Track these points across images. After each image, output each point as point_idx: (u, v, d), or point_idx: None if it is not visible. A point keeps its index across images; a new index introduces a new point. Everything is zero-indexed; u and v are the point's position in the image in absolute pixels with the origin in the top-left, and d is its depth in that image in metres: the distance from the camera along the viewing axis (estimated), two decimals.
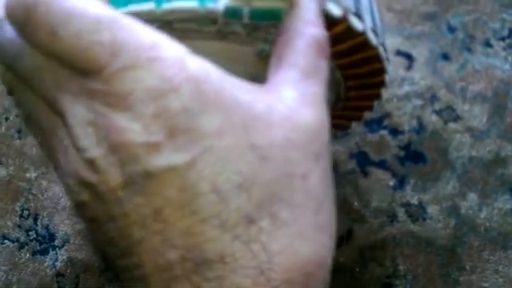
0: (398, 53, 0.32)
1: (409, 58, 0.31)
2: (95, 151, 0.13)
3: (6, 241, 0.33)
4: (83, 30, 0.13)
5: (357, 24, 0.18)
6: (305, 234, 0.13)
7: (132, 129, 0.12)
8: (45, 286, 0.31)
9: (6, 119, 0.38)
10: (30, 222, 0.33)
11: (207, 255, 0.12)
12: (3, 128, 0.38)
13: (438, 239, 0.26)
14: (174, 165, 0.12)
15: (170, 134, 0.12)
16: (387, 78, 0.22)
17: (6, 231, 0.33)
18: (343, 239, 0.27)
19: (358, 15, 0.18)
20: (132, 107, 0.12)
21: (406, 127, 0.29)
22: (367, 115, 0.26)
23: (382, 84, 0.22)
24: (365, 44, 0.19)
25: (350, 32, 0.18)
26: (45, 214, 0.34)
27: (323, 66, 0.16)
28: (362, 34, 0.18)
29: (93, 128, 0.13)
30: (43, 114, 0.14)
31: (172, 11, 0.16)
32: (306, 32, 0.16)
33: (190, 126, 0.12)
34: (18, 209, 0.34)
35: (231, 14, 0.17)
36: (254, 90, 0.14)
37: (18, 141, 0.36)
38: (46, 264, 0.32)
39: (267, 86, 0.15)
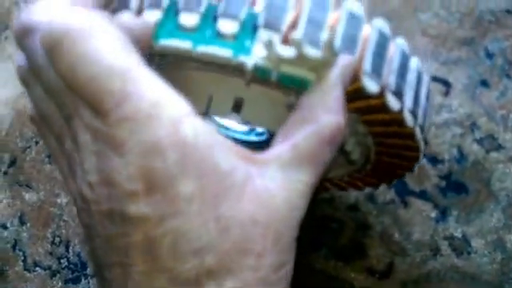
0: (435, 79, 0.31)
1: (446, 84, 0.31)
2: (94, 177, 0.14)
3: (37, 268, 0.33)
4: (98, 75, 0.14)
5: (393, 103, 0.18)
6: None
7: (121, 172, 0.14)
8: None
9: (36, 143, 0.38)
10: (61, 249, 0.33)
11: None
12: (33, 152, 0.38)
13: (484, 275, 0.26)
14: (146, 216, 0.14)
15: (149, 188, 0.14)
16: (422, 156, 0.21)
17: (37, 258, 0.33)
18: (385, 273, 0.27)
19: (398, 93, 0.18)
20: (125, 154, 0.14)
21: (446, 156, 0.29)
22: None
23: (415, 159, 0.22)
24: (400, 122, 0.18)
25: (386, 108, 0.18)
26: (76, 241, 0.34)
27: (326, 157, 0.16)
28: (398, 113, 0.18)
29: (95, 158, 0.14)
30: (55, 119, 0.16)
31: (206, 54, 0.17)
32: (321, 119, 0.16)
33: (167, 187, 0.14)
34: (49, 235, 0.34)
35: (260, 72, 0.17)
36: (240, 156, 0.15)
37: (48, 165, 0.36)
38: None
39: (260, 155, 0.16)
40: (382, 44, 0.18)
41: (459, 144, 0.29)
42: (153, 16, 0.17)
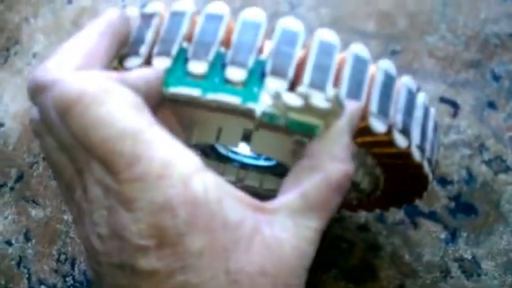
0: (442, 100, 0.31)
1: (453, 105, 0.31)
2: (104, 230, 0.15)
3: (42, 286, 0.32)
4: (110, 138, 0.14)
5: (400, 141, 0.18)
6: None
7: (131, 229, 0.14)
8: None
9: (44, 159, 0.38)
10: (67, 267, 0.33)
11: None
12: (41, 168, 0.38)
13: None
14: (156, 270, 0.14)
15: (159, 244, 0.14)
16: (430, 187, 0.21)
17: (42, 276, 0.33)
18: None
19: (405, 131, 0.18)
20: (135, 211, 0.14)
21: (455, 177, 0.29)
22: None
23: (424, 188, 0.22)
24: (408, 156, 0.19)
25: (393, 144, 0.18)
26: (82, 259, 0.33)
27: (334, 203, 0.16)
28: (406, 149, 0.18)
29: (106, 212, 0.15)
30: (66, 169, 0.16)
31: (215, 101, 0.17)
32: (329, 168, 0.16)
33: (177, 243, 0.14)
34: (55, 252, 0.34)
35: (268, 118, 0.17)
36: (248, 205, 0.15)
37: (54, 181, 0.36)
38: None
39: (269, 203, 0.16)
40: (388, 84, 0.18)
41: (468, 165, 0.29)
42: (162, 63, 0.18)
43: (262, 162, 0.26)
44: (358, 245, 0.29)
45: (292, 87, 0.17)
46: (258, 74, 0.18)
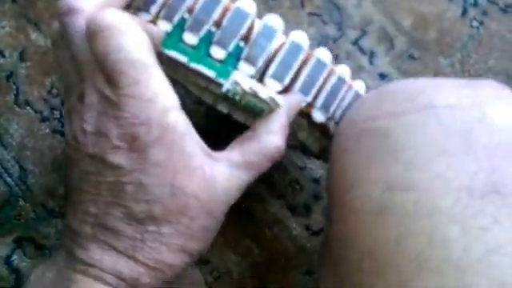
0: None
1: None
2: (90, 127, 0.20)
3: (28, 107, 0.35)
4: (123, 61, 0.19)
5: (332, 127, 0.26)
6: (171, 247, 0.20)
7: (113, 131, 0.19)
8: (57, 163, 0.35)
9: None
10: (57, 102, 0.35)
11: (108, 223, 0.20)
12: None
13: None
14: (121, 165, 0.19)
15: (130, 148, 0.19)
16: None
17: (30, 98, 0.35)
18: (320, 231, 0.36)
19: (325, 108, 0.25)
20: (122, 119, 0.19)
21: None
22: None
23: None
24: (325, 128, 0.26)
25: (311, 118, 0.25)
26: None
27: (264, 166, 0.22)
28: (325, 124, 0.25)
29: (96, 114, 0.20)
30: (71, 74, 0.21)
31: (196, 70, 0.23)
32: (264, 139, 0.22)
33: (143, 151, 0.19)
34: (47, 83, 0.35)
35: (231, 95, 0.23)
36: (202, 149, 0.21)
37: None
38: (63, 145, 0.35)
39: (216, 153, 0.22)
40: (337, 86, 0.25)
41: None
42: (164, 26, 0.22)
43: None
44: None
45: (262, 74, 0.23)
46: (234, 57, 0.23)
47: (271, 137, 0.22)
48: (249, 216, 0.34)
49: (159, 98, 0.20)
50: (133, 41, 0.20)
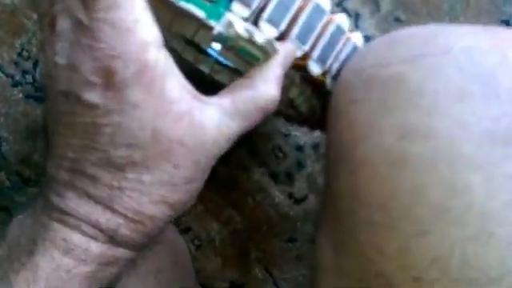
0: None
1: None
2: (61, 60, 0.17)
3: None
4: None
5: (328, 82, 0.24)
6: (151, 197, 0.18)
7: (87, 63, 0.17)
8: (33, 129, 0.34)
9: None
10: (28, 65, 0.34)
11: (86, 170, 0.18)
12: None
13: None
14: (97, 105, 0.17)
15: (106, 84, 0.17)
16: None
17: (0, 62, 0.33)
18: (301, 200, 0.36)
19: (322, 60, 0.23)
20: (96, 50, 0.17)
21: None
22: None
23: None
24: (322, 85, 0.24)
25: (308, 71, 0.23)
26: None
27: (256, 118, 0.20)
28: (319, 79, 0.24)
29: (68, 44, 0.17)
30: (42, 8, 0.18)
31: (185, 9, 0.20)
32: (260, 88, 0.20)
33: (120, 89, 0.17)
34: (17, 46, 0.34)
35: (222, 39, 0.20)
36: (189, 91, 0.19)
37: None
38: (38, 112, 0.34)
39: (207, 97, 0.19)
40: (335, 36, 0.23)
41: None
42: None
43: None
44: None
45: (256, 18, 0.21)
46: None
47: (267, 86, 0.20)
48: (231, 183, 0.34)
49: (139, 29, 0.17)
50: None
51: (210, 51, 0.28)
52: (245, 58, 0.22)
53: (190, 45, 0.27)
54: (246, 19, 0.21)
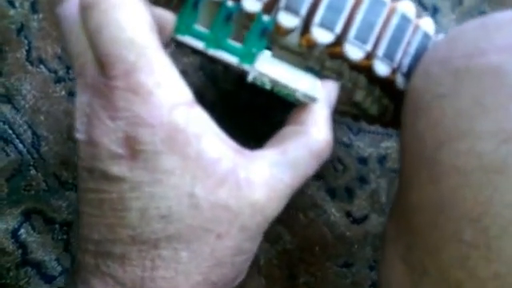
0: None
1: None
2: (82, 136, 0.16)
3: (41, 66, 0.32)
4: (119, 41, 0.15)
5: (399, 80, 0.21)
6: (190, 277, 0.16)
7: (108, 136, 0.15)
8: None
9: None
10: None
11: (113, 250, 0.16)
12: None
13: None
14: (125, 178, 0.16)
15: (133, 155, 0.15)
16: None
17: (44, 56, 0.32)
18: (360, 220, 0.32)
19: (389, 57, 0.20)
20: (116, 120, 0.15)
21: None
22: None
23: None
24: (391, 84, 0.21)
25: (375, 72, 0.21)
26: None
27: (311, 167, 0.18)
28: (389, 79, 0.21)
29: (86, 119, 0.16)
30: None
31: (216, 56, 0.19)
32: (313, 133, 0.18)
33: (150, 158, 0.15)
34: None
35: (259, 83, 0.19)
36: (230, 147, 0.17)
37: None
38: None
39: (251, 151, 0.17)
40: (401, 27, 0.20)
41: None
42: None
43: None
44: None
45: (306, 24, 0.19)
46: (257, 33, 0.19)
47: (317, 129, 0.18)
48: None
49: (163, 90, 0.15)
50: (132, 16, 0.16)
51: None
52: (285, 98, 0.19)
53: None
54: (295, 28, 0.19)
